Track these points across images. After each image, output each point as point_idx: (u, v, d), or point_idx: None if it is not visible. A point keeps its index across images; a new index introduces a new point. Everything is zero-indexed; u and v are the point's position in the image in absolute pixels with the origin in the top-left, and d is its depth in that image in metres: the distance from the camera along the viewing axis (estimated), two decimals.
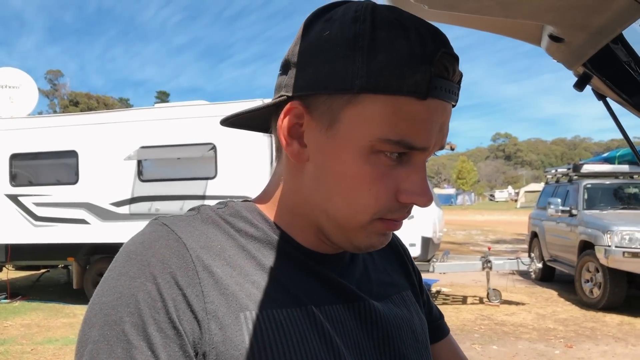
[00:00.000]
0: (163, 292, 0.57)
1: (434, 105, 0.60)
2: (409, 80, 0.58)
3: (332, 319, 0.67)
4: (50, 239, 8.41)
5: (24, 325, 7.37)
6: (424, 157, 0.63)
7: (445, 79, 0.60)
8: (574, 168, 9.63)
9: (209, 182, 7.82)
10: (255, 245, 0.67)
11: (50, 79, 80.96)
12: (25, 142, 8.59)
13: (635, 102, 0.92)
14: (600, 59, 0.88)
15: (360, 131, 0.60)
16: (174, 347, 0.56)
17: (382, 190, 0.62)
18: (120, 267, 0.59)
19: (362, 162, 0.61)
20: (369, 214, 0.63)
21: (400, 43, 0.58)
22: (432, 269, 7.96)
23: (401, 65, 0.58)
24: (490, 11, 0.75)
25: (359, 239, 0.66)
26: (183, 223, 0.65)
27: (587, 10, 0.70)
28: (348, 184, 0.62)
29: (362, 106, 0.59)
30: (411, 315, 0.78)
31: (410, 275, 0.88)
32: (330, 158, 0.63)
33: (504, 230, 23.87)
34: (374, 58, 0.58)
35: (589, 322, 7.09)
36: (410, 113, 0.59)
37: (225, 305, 0.59)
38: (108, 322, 0.56)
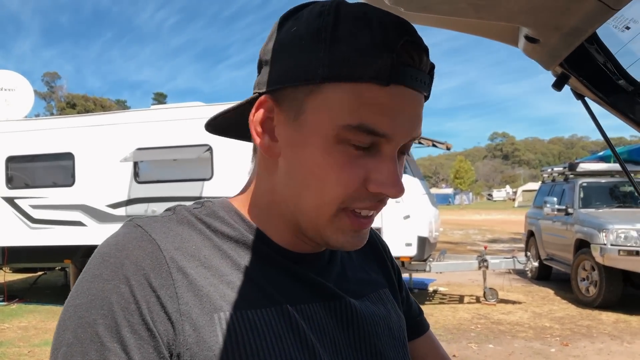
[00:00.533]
0: (136, 294, 0.57)
1: (398, 92, 0.60)
2: (370, 68, 0.58)
3: (308, 317, 0.67)
4: (47, 241, 8.41)
5: (21, 327, 7.37)
6: (392, 147, 0.62)
7: (411, 67, 0.60)
8: (569, 167, 9.66)
9: (205, 184, 7.83)
10: (231, 245, 0.67)
11: (47, 81, 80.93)
12: (22, 144, 8.59)
13: (611, 101, 0.93)
14: (576, 59, 0.90)
15: (324, 120, 0.61)
16: (148, 348, 0.56)
17: (350, 178, 0.61)
18: (94, 269, 0.60)
19: (328, 151, 0.61)
20: (336, 203, 0.62)
21: (362, 33, 0.59)
22: (429, 268, 7.98)
23: (363, 53, 0.58)
24: (464, 13, 0.76)
25: (329, 233, 0.65)
26: (158, 224, 0.65)
27: (558, 12, 0.72)
28: (315, 175, 0.62)
29: (325, 95, 0.60)
30: (388, 312, 0.79)
31: (389, 273, 0.88)
32: (298, 150, 0.63)
33: (501, 230, 23.90)
34: (336, 48, 0.59)
35: (585, 320, 7.12)
36: (371, 99, 0.59)
37: (199, 306, 0.60)
38: (81, 324, 0.57)
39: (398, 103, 0.60)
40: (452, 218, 33.89)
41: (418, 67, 0.61)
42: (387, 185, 0.62)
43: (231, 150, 7.35)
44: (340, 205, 0.63)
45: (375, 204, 0.64)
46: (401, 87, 0.60)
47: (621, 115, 0.94)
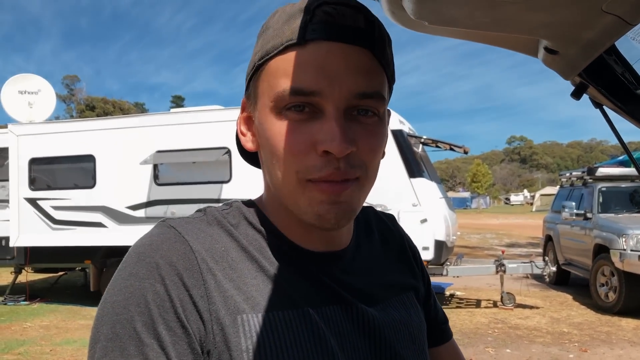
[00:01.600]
0: (171, 292, 0.60)
1: (319, 47, 0.62)
2: (287, 33, 0.64)
3: (329, 319, 0.69)
4: (68, 242, 8.55)
5: (42, 326, 7.50)
6: (331, 104, 0.63)
7: (332, 23, 0.63)
8: (588, 171, 9.57)
9: (223, 186, 7.90)
10: (256, 247, 0.70)
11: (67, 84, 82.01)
12: (44, 146, 8.75)
13: (629, 110, 0.96)
14: (594, 69, 0.93)
15: (266, 96, 0.66)
16: (182, 344, 0.59)
17: (296, 144, 0.63)
18: (130, 267, 0.62)
19: (274, 122, 0.65)
20: (292, 173, 0.64)
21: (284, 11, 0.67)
22: (446, 272, 7.96)
23: (282, 25, 0.65)
24: (486, 27, 0.79)
25: (303, 207, 0.65)
26: (190, 225, 0.68)
27: (577, 26, 0.75)
28: (272, 149, 0.65)
29: (264, 74, 0.66)
30: (409, 317, 0.80)
31: (417, 277, 0.89)
32: (262, 134, 0.68)
33: (519, 234, 23.72)
34: (266, 34, 0.67)
35: (604, 326, 7.05)
36: (295, 62, 0.62)
37: (225, 307, 0.62)
38: (119, 320, 0.59)
39: (319, 58, 0.62)
40: (470, 222, 33.69)
41: (341, 23, 0.63)
42: (327, 141, 0.61)
43: None
44: (297, 175, 0.64)
45: (332, 172, 0.63)
46: (322, 43, 0.62)
47: (639, 123, 0.96)
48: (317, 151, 0.63)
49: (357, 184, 0.66)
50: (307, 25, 0.62)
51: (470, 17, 0.77)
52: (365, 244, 0.82)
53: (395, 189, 7.34)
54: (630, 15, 0.67)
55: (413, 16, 0.78)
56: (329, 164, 0.63)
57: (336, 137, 0.61)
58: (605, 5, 0.66)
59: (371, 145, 0.66)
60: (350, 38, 0.63)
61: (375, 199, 7.38)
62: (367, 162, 0.66)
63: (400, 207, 7.41)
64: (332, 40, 0.62)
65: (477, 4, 0.72)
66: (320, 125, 0.63)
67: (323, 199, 0.64)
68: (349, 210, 0.67)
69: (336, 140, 0.61)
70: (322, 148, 0.62)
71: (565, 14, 0.72)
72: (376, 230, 0.87)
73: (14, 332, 7.20)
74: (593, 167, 9.63)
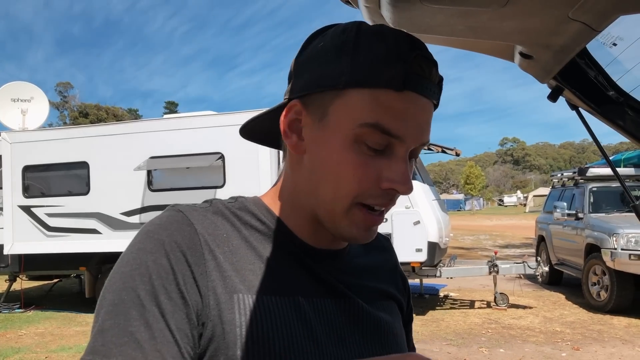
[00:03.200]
0: (174, 266, 0.66)
1: (410, 98, 0.67)
2: (386, 75, 0.67)
3: (319, 310, 0.73)
4: (63, 249, 8.52)
5: (37, 333, 7.49)
6: (404, 149, 0.69)
7: (422, 76, 0.68)
8: (579, 172, 9.64)
9: (217, 191, 7.92)
10: (258, 237, 0.75)
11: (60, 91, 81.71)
12: (38, 154, 8.73)
13: (603, 112, 1.01)
14: (569, 72, 0.98)
15: (344, 120, 0.69)
16: (181, 314, 0.64)
17: (364, 175, 0.69)
18: (139, 243, 0.68)
19: (346, 149, 0.69)
20: (351, 196, 0.69)
21: (379, 45, 0.68)
22: (439, 273, 8.02)
23: (380, 62, 0.67)
24: (462, 34, 0.84)
25: (343, 226, 0.72)
26: (196, 212, 0.73)
27: (547, 33, 0.79)
28: (334, 170, 0.70)
29: (347, 99, 0.68)
30: (393, 321, 0.84)
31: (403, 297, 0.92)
32: (321, 148, 0.71)
33: (512, 235, 23.82)
34: (357, 58, 0.68)
35: (596, 324, 7.12)
36: (387, 102, 0.67)
37: (222, 285, 0.68)
38: (125, 288, 0.64)
39: (410, 108, 0.68)
40: (463, 224, 33.79)
41: (428, 78, 0.69)
42: (398, 182, 0.69)
43: (242, 158, 7.45)
44: (354, 199, 0.70)
45: (386, 201, 0.71)
46: (413, 94, 0.68)
47: (612, 124, 1.01)
48: (382, 186, 0.69)
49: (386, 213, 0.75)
50: (406, 75, 0.67)
51: (445, 24, 0.81)
52: (362, 254, 0.87)
53: None
54: (595, 22, 0.72)
55: (391, 24, 0.83)
56: (386, 197, 0.70)
57: (407, 180, 0.69)
58: (572, 13, 0.71)
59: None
60: (432, 94, 0.70)
61: None
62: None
63: (393, 209, 7.38)
64: (422, 94, 0.68)
65: (451, 12, 0.77)
66: (389, 164, 0.69)
67: (363, 225, 0.72)
68: (374, 234, 0.75)
69: (407, 183, 0.69)
70: (389, 186, 0.69)
71: (535, 21, 0.76)
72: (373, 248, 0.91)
73: (9, 339, 7.19)
74: (584, 168, 9.70)
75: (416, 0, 0.73)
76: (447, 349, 6.02)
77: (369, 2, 0.85)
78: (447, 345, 6.18)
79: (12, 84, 10.12)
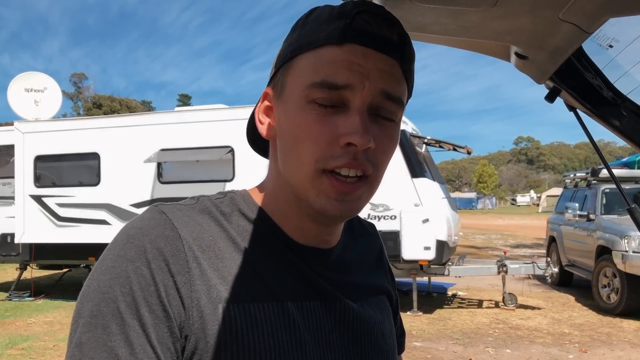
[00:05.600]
0: (156, 277, 0.62)
1: (354, 50, 0.66)
2: (324, 32, 0.67)
3: (308, 314, 0.71)
4: (73, 239, 8.63)
5: (46, 322, 7.58)
6: (357, 99, 0.66)
7: (367, 30, 0.67)
8: (592, 172, 9.55)
9: (226, 185, 7.95)
10: (245, 237, 0.72)
11: (74, 82, 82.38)
12: (50, 144, 8.83)
13: (600, 113, 0.99)
14: (566, 73, 0.96)
15: (296, 87, 0.69)
16: (163, 327, 0.61)
17: (320, 134, 0.66)
18: (118, 249, 0.65)
19: (300, 112, 0.68)
20: (312, 162, 0.67)
21: (323, 11, 0.70)
22: (448, 272, 7.99)
23: (320, 25, 0.68)
24: (454, 33, 0.83)
25: (312, 197, 0.69)
26: (180, 212, 0.70)
27: (539, 33, 0.78)
28: (293, 136, 0.69)
29: (296, 66, 0.69)
30: (383, 319, 0.83)
31: (389, 283, 0.92)
32: (282, 121, 0.71)
33: (524, 235, 23.67)
34: (304, 29, 0.70)
35: (605, 327, 7.06)
36: (329, 58, 0.67)
37: (207, 295, 0.65)
38: (104, 299, 0.61)
39: (354, 58, 0.66)
40: (475, 222, 33.64)
41: (377, 32, 0.67)
42: (351, 134, 0.65)
43: (252, 152, 7.43)
44: (316, 164, 0.67)
45: (350, 161, 0.67)
46: (357, 46, 0.66)
47: (609, 125, 0.99)
48: (340, 143, 0.66)
49: (366, 185, 0.70)
50: (347, 28, 0.66)
51: (437, 23, 0.80)
52: (350, 245, 0.85)
53: (397, 188, 7.36)
54: (585, 24, 0.71)
55: None
56: (348, 154, 0.66)
57: (359, 130, 0.65)
58: (562, 14, 0.69)
59: (385, 147, 0.70)
60: (384, 48, 0.67)
61: (378, 199, 7.41)
62: (380, 162, 0.70)
63: (402, 206, 7.44)
64: (368, 47, 0.67)
65: (442, 11, 0.76)
66: (344, 119, 0.66)
67: (332, 194, 0.68)
68: (353, 209, 0.70)
69: (359, 132, 0.65)
70: (345, 140, 0.65)
71: (525, 22, 0.75)
72: (359, 235, 0.90)
73: (18, 327, 7.28)
74: (597, 169, 9.60)
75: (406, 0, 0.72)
76: (453, 348, 6.00)
77: None
78: (453, 344, 6.15)
79: (26, 74, 10.19)
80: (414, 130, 8.60)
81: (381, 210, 7.46)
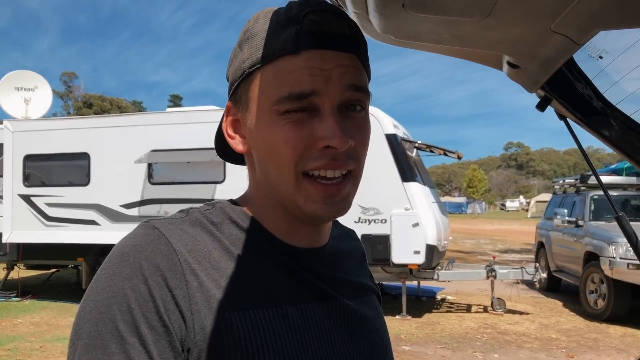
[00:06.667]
0: (154, 293, 0.62)
1: (311, 55, 0.67)
2: (278, 43, 0.67)
3: (308, 316, 0.72)
4: (61, 239, 8.56)
5: (33, 323, 7.52)
6: (327, 103, 0.68)
7: (319, 31, 0.67)
8: (581, 179, 9.63)
9: (217, 186, 7.94)
10: (239, 246, 0.72)
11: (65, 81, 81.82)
12: (39, 143, 8.77)
13: (589, 122, 1.01)
14: (556, 83, 0.98)
15: (262, 102, 0.69)
16: (163, 343, 0.61)
17: (296, 139, 0.67)
18: (114, 267, 0.64)
19: (273, 125, 0.68)
20: (291, 166, 0.68)
21: (270, 19, 0.70)
22: (437, 276, 8.01)
23: (271, 34, 0.68)
24: (448, 42, 0.84)
25: (300, 204, 0.70)
26: (172, 226, 0.69)
27: (532, 44, 0.79)
28: (271, 146, 0.69)
29: (256, 81, 0.70)
30: (377, 316, 0.85)
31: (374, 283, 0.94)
32: (255, 135, 0.72)
33: (513, 240, 23.78)
34: (254, 41, 0.70)
35: (592, 333, 7.11)
36: (288, 68, 0.67)
37: (207, 306, 0.65)
38: (102, 319, 0.61)
39: (314, 64, 0.67)
40: (464, 227, 33.75)
41: (328, 31, 0.68)
42: (328, 137, 0.67)
43: None
44: (296, 168, 0.68)
45: (328, 162, 0.68)
46: (313, 52, 0.67)
47: (598, 135, 1.01)
48: (317, 147, 0.67)
49: (351, 180, 0.71)
50: (299, 35, 0.67)
51: (431, 32, 0.81)
52: (337, 245, 0.86)
53: (388, 192, 7.39)
54: (576, 36, 0.72)
55: (380, 31, 0.82)
56: (326, 156, 0.68)
57: (337, 133, 0.66)
58: (554, 26, 0.70)
59: (362, 139, 0.72)
60: (339, 45, 0.69)
61: (368, 203, 7.43)
62: (360, 155, 0.72)
63: (392, 210, 7.46)
64: (323, 48, 0.67)
65: (436, 21, 0.76)
66: (319, 122, 0.67)
67: (318, 199, 0.69)
68: (344, 208, 0.72)
69: (337, 135, 0.66)
70: (323, 144, 0.67)
71: (519, 33, 0.76)
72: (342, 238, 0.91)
73: (4, 328, 7.22)
74: (586, 175, 9.68)
75: (401, 9, 0.73)
76: (442, 352, 6.02)
77: (357, 8, 0.85)
78: (441, 349, 6.17)
79: (16, 73, 10.12)
80: (405, 134, 8.64)
81: (372, 213, 7.48)
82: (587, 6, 0.63)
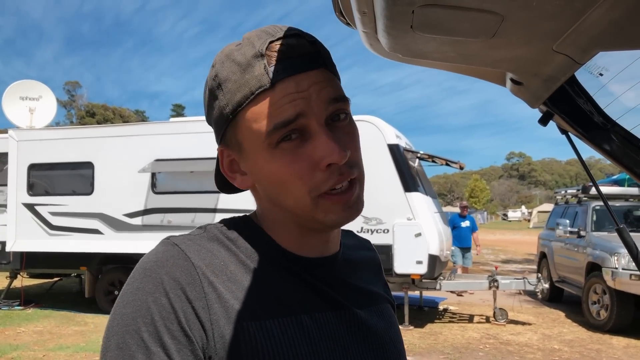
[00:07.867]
0: (175, 305, 0.66)
1: (285, 85, 0.70)
2: (252, 82, 0.70)
3: (322, 325, 0.75)
4: (64, 248, 8.58)
5: (36, 331, 7.53)
6: (314, 122, 0.70)
7: (284, 59, 0.70)
8: (583, 189, 9.64)
9: (220, 196, 7.96)
10: (254, 259, 0.76)
11: (68, 90, 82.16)
12: (43, 152, 8.81)
13: (590, 137, 1.04)
14: (559, 99, 1.01)
15: (253, 141, 0.72)
16: (186, 352, 0.65)
17: (300, 169, 0.71)
18: (137, 282, 0.69)
19: (272, 159, 0.71)
20: (305, 194, 0.71)
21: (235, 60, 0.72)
22: (439, 286, 8.01)
23: (242, 74, 0.71)
24: (454, 60, 0.87)
25: (321, 218, 0.73)
26: (191, 242, 0.74)
27: (534, 63, 0.82)
28: (277, 181, 0.72)
29: (242, 122, 0.73)
30: (389, 326, 0.87)
31: (388, 293, 0.96)
32: (258, 173, 0.75)
33: (515, 250, 23.74)
34: (227, 87, 0.73)
35: (595, 344, 7.10)
36: (269, 102, 0.70)
37: (225, 317, 0.68)
38: (128, 331, 0.65)
39: (291, 89, 0.70)
40: None
41: (293, 56, 0.71)
42: (329, 156, 0.70)
43: None
44: (310, 194, 0.71)
45: (339, 177, 0.72)
46: (286, 80, 0.70)
47: (599, 149, 1.04)
48: (321, 167, 0.70)
49: (358, 184, 0.75)
50: (267, 70, 0.69)
51: (438, 51, 0.84)
52: (350, 254, 0.89)
53: (390, 202, 7.41)
54: (577, 55, 0.75)
55: (388, 49, 0.86)
56: (333, 174, 0.71)
57: (334, 148, 0.69)
58: (556, 46, 0.74)
59: (355, 145, 0.75)
60: (307, 65, 0.71)
61: (371, 212, 7.45)
62: (358, 160, 0.75)
63: (395, 220, 7.48)
64: (295, 74, 0.70)
65: (443, 40, 0.80)
66: (313, 144, 0.70)
67: (337, 209, 0.72)
68: (359, 208, 0.75)
69: (335, 150, 0.69)
70: (325, 163, 0.70)
71: (522, 52, 0.79)
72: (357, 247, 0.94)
73: (7, 336, 7.22)
74: (587, 186, 9.69)
75: (409, 29, 0.76)
76: None
77: (366, 27, 0.89)
78: (444, 359, 6.17)
79: (21, 82, 10.19)
80: (407, 144, 8.67)
81: (374, 223, 7.50)
82: (587, 28, 0.66)
